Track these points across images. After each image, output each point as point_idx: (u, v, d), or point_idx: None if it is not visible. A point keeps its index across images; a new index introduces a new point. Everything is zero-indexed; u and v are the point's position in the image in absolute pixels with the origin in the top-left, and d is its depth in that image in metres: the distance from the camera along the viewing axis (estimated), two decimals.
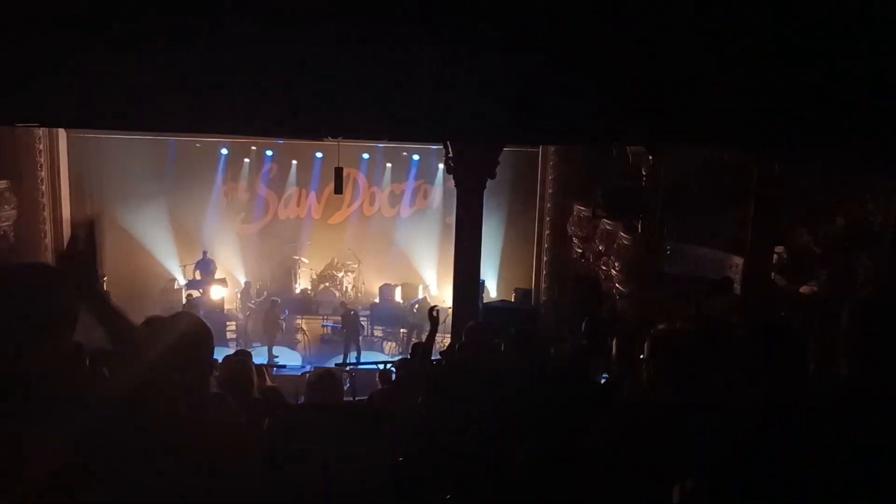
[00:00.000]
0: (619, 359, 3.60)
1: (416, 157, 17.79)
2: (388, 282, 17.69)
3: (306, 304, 17.12)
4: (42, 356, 1.76)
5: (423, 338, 12.42)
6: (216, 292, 16.77)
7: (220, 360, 6.51)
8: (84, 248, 2.02)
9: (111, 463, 1.66)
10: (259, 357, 14.13)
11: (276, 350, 15.39)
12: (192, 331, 2.48)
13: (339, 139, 12.05)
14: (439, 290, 17.55)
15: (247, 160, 17.54)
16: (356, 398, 8.99)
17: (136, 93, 5.48)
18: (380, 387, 8.72)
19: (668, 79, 5.47)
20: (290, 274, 17.90)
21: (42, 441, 1.51)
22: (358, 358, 15.10)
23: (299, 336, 16.19)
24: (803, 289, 10.31)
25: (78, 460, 1.55)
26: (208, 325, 2.62)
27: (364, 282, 18.15)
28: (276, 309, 15.71)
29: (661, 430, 2.36)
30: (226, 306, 16.85)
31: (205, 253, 16.98)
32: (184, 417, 2.04)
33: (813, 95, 5.65)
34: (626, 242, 13.26)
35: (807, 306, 8.93)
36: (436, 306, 6.16)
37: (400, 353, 15.23)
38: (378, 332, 16.82)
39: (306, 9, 4.53)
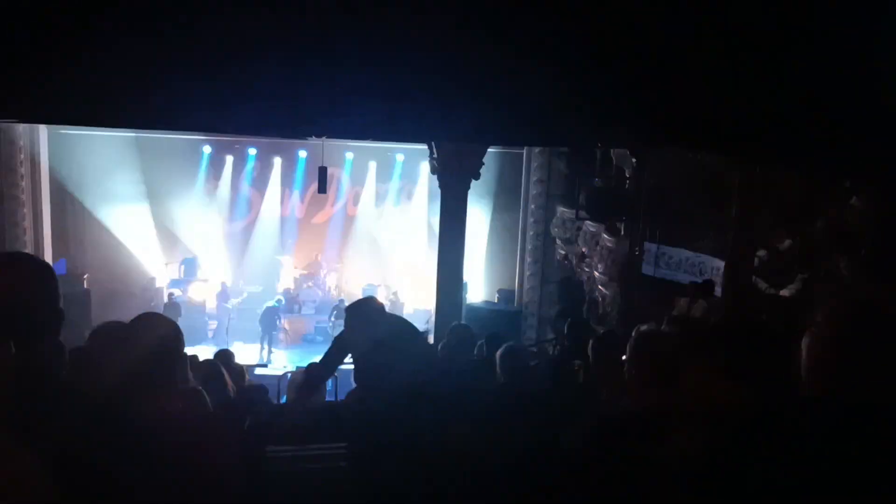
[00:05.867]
0: (599, 361, 3.61)
1: (400, 157, 17.78)
2: (370, 282, 17.67)
3: (289, 304, 17.08)
4: (27, 356, 1.74)
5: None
6: (197, 291, 16.69)
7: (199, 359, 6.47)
8: None
9: (87, 466, 1.64)
10: (246, 356, 14.09)
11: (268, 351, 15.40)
12: (158, 329, 2.48)
13: (324, 138, 12.02)
14: (423, 291, 17.55)
15: (230, 158, 17.44)
16: (338, 398, 8.97)
17: (118, 89, 5.43)
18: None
19: (652, 81, 5.50)
20: (272, 273, 17.83)
21: (18, 444, 1.50)
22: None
23: (281, 336, 16.14)
24: (784, 292, 10.40)
25: (54, 463, 1.54)
26: (174, 322, 2.63)
27: (347, 281, 18.11)
28: (274, 310, 15.71)
29: (641, 434, 2.37)
30: (207, 305, 16.77)
31: (193, 253, 16.94)
32: (160, 415, 2.03)
33: (795, 100, 5.70)
34: (609, 244, 13.31)
35: (788, 309, 9.01)
36: None
37: None
38: None
39: (292, 7, 4.52)
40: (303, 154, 17.27)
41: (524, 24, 4.60)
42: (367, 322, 4.56)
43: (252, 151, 17.53)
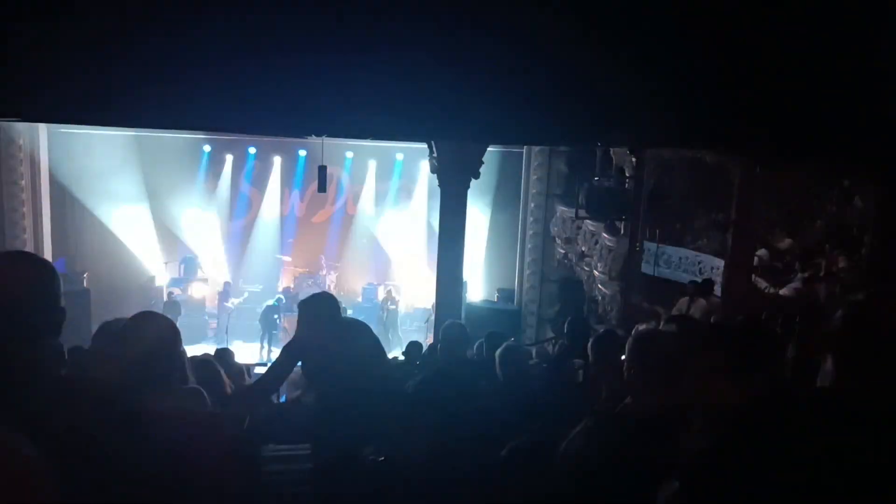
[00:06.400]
0: (598, 360, 3.62)
1: (400, 156, 17.76)
2: (370, 281, 17.67)
3: (289, 303, 17.06)
4: (27, 354, 1.74)
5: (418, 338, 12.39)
6: (197, 290, 16.68)
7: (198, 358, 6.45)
8: None
9: (86, 464, 1.64)
10: (246, 355, 14.09)
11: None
12: (156, 329, 2.48)
13: (323, 137, 12.02)
14: (422, 290, 17.55)
15: (229, 157, 17.43)
16: None
17: (118, 88, 5.43)
18: None
19: (652, 80, 5.49)
20: (272, 272, 17.82)
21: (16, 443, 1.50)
22: None
23: (281, 335, 16.12)
24: (783, 291, 10.40)
25: (54, 461, 1.53)
26: (172, 321, 2.63)
27: (347, 280, 18.10)
28: (274, 309, 15.70)
29: (641, 433, 2.37)
30: (207, 304, 16.76)
31: (195, 253, 16.94)
32: (158, 414, 2.02)
33: (796, 99, 5.69)
34: (608, 244, 13.31)
35: (787, 308, 8.99)
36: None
37: None
38: None
39: (293, 6, 4.52)
40: (302, 153, 17.26)
41: (524, 24, 4.60)
42: (319, 319, 4.46)
43: (252, 150, 17.51)
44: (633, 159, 12.46)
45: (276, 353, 15.39)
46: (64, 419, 1.68)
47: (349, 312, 16.74)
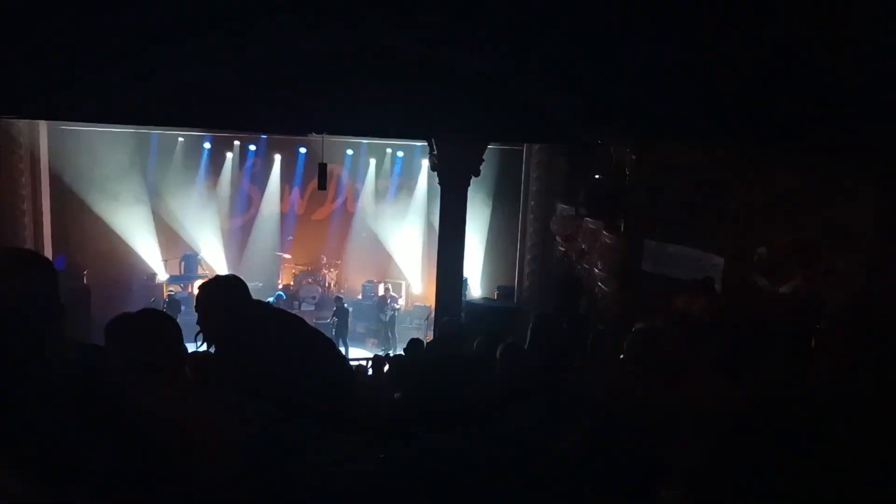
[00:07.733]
0: (598, 358, 3.62)
1: (400, 153, 17.78)
2: (370, 278, 17.68)
3: (289, 300, 17.09)
4: (28, 350, 1.74)
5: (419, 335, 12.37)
6: (198, 288, 16.69)
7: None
8: None
9: (87, 460, 1.65)
10: None
11: None
12: (157, 326, 2.49)
13: (324, 135, 12.02)
14: (423, 288, 17.56)
15: (230, 155, 17.44)
16: None
17: (118, 85, 5.43)
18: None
19: (651, 77, 5.50)
20: (272, 269, 17.84)
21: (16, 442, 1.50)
22: (346, 353, 15.05)
23: None
24: (784, 288, 10.39)
25: (55, 456, 1.54)
26: (173, 318, 2.64)
27: (347, 278, 18.12)
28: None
29: (640, 432, 2.37)
30: None
31: (196, 250, 16.94)
32: (160, 410, 2.03)
33: (797, 95, 5.70)
34: (608, 241, 13.29)
35: (787, 306, 8.99)
36: None
37: (381, 350, 15.25)
38: (360, 329, 16.81)
39: (293, 6, 4.52)
40: (303, 150, 17.27)
41: (523, 23, 4.61)
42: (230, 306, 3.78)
43: (252, 148, 17.52)
44: (634, 157, 12.44)
45: None
46: (65, 415, 1.69)
47: (350, 310, 16.80)
